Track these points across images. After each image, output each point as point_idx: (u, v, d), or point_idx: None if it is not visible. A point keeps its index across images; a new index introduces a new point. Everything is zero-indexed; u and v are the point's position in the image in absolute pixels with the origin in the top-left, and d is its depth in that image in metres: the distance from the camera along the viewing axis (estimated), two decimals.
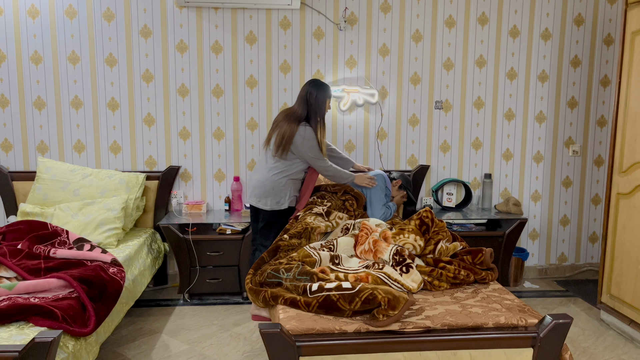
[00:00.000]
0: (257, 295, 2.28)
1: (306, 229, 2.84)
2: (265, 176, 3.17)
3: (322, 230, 2.91)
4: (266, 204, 3.17)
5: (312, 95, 3.11)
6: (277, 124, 3.20)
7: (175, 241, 3.58)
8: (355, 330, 1.92)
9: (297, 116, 3.11)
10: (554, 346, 1.94)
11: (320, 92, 3.13)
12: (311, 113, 3.12)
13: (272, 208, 3.17)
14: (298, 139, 3.07)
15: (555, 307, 3.67)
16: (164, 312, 3.53)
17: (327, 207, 3.15)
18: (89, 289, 2.45)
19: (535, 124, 4.17)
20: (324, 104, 3.15)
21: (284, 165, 3.15)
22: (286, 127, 3.07)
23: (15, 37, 3.75)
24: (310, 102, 3.11)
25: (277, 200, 3.16)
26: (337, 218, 3.09)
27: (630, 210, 3.13)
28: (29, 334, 2.03)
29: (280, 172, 3.15)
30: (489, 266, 2.53)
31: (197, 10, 3.83)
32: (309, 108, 3.12)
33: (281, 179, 3.15)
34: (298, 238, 2.78)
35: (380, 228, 2.67)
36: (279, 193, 3.15)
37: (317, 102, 3.11)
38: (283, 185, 3.15)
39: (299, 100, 3.16)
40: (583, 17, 4.09)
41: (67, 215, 3.39)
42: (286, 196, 3.17)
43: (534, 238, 4.31)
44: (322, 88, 3.15)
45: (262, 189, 3.17)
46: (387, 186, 3.47)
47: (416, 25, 3.99)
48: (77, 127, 3.88)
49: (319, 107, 3.13)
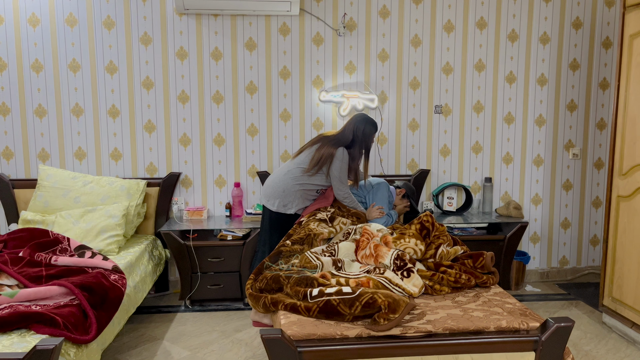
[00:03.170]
0: (257, 301, 2.28)
1: (309, 235, 2.85)
2: (280, 178, 3.27)
3: (325, 237, 2.91)
4: (273, 204, 3.26)
5: (360, 130, 3.24)
6: (314, 144, 3.27)
7: (176, 247, 3.59)
8: (357, 335, 1.92)
9: (342, 142, 3.22)
10: (555, 350, 1.94)
11: (368, 126, 3.26)
12: (356, 143, 3.24)
13: (278, 210, 3.25)
14: (335, 160, 3.18)
15: (557, 311, 3.66)
16: (166, 319, 3.52)
17: (330, 213, 3.16)
18: (90, 296, 2.45)
19: (535, 128, 4.18)
20: (370, 138, 3.28)
21: (300, 175, 3.23)
22: (325, 150, 3.18)
23: (16, 45, 3.76)
24: (357, 134, 3.24)
25: (284, 204, 3.24)
26: (341, 223, 3.10)
27: (631, 212, 3.13)
28: (30, 341, 2.03)
29: (295, 178, 3.23)
30: (490, 270, 2.53)
31: (196, 17, 3.85)
32: (354, 139, 3.24)
33: (294, 185, 3.22)
34: (300, 244, 2.78)
35: (381, 233, 2.67)
36: (288, 197, 3.23)
37: (364, 136, 3.24)
38: (294, 191, 3.23)
39: (346, 131, 3.26)
40: (581, 20, 4.10)
41: (68, 223, 3.39)
42: (294, 202, 3.25)
43: (535, 241, 4.31)
44: (370, 123, 3.28)
45: (273, 189, 3.27)
46: (391, 194, 3.49)
47: (415, 30, 4.01)
48: (78, 134, 3.89)
49: (364, 141, 3.26)
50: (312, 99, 4.00)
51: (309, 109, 4.01)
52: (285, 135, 4.02)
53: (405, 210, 3.63)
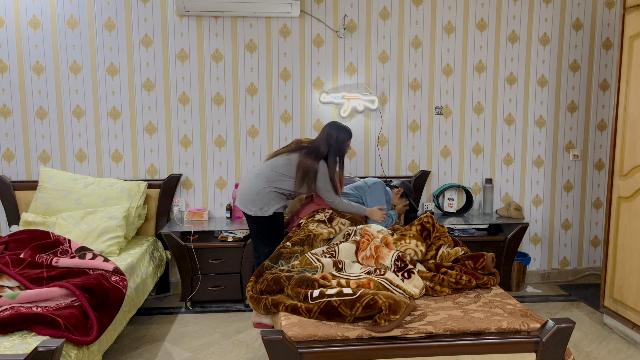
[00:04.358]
0: (258, 303, 2.28)
1: (309, 236, 2.85)
2: (252, 182, 3.25)
3: (325, 237, 2.91)
4: (250, 210, 3.24)
5: (332, 137, 3.24)
6: (290, 152, 3.28)
7: (177, 249, 3.59)
8: (358, 336, 1.92)
9: (319, 154, 3.23)
10: (556, 351, 1.94)
11: (341, 133, 3.26)
12: (331, 153, 3.24)
13: (256, 214, 3.23)
14: (319, 174, 3.19)
15: (558, 312, 3.66)
16: (166, 320, 3.52)
17: (329, 214, 3.16)
18: (91, 298, 2.46)
19: (535, 129, 4.18)
20: (343, 145, 3.27)
21: (274, 178, 3.22)
22: (309, 163, 3.19)
23: (17, 47, 3.77)
24: (330, 143, 3.24)
25: (260, 207, 3.22)
26: (339, 224, 3.10)
27: (632, 213, 3.13)
28: (31, 343, 2.04)
29: (268, 181, 3.22)
30: (491, 271, 2.53)
31: (197, 19, 3.86)
32: (329, 148, 3.24)
33: (266, 187, 3.21)
34: (300, 245, 2.79)
35: (381, 234, 2.67)
36: (263, 199, 3.21)
37: (337, 144, 3.24)
38: (267, 193, 3.21)
39: (320, 140, 3.26)
40: (581, 21, 4.10)
41: (69, 224, 3.40)
42: (270, 204, 3.23)
43: (536, 242, 4.31)
44: (343, 130, 3.28)
45: (247, 194, 3.25)
46: (388, 194, 3.49)
47: (415, 32, 4.01)
48: (79, 136, 3.90)
49: (338, 149, 3.25)
50: (312, 101, 4.01)
51: (310, 110, 4.01)
52: (285, 136, 4.02)
53: (405, 210, 3.62)
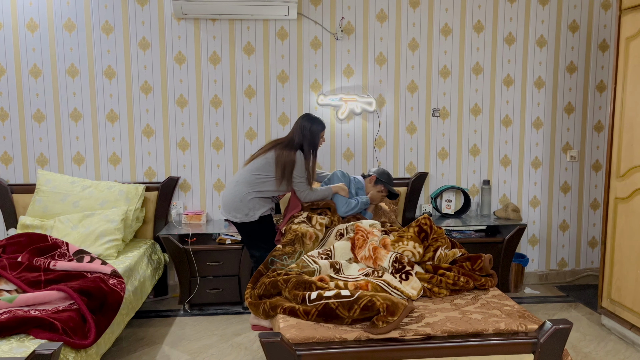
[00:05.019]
0: (257, 308, 2.29)
1: (297, 234, 2.86)
2: (233, 189, 3.23)
3: (312, 235, 2.92)
4: (235, 217, 3.22)
5: (306, 128, 3.23)
6: (267, 151, 3.24)
7: (175, 252, 3.59)
8: (356, 338, 1.92)
9: (294, 145, 3.22)
10: (554, 352, 1.94)
11: (315, 125, 3.25)
12: (305, 144, 3.23)
13: (242, 221, 3.21)
14: (296, 164, 3.17)
15: (556, 313, 3.66)
16: (165, 323, 3.52)
17: (306, 214, 3.16)
18: (89, 301, 2.45)
19: (532, 130, 4.19)
20: (317, 136, 3.26)
21: (255, 182, 3.19)
22: (285, 156, 3.17)
23: (15, 50, 3.77)
24: (305, 134, 3.22)
25: (245, 213, 3.20)
26: (318, 221, 3.08)
27: (629, 214, 3.14)
28: (29, 346, 2.03)
29: (250, 185, 3.19)
30: (489, 272, 2.53)
31: (194, 21, 3.86)
32: (303, 140, 3.22)
33: (249, 193, 3.19)
34: (292, 245, 2.79)
35: (375, 229, 2.68)
36: (247, 205, 3.19)
37: (311, 135, 3.23)
38: (250, 199, 3.19)
39: (294, 132, 3.25)
40: (578, 23, 4.12)
41: (67, 227, 3.39)
42: (255, 208, 3.20)
43: (534, 244, 4.32)
44: (316, 121, 3.27)
45: (230, 202, 3.23)
46: (356, 182, 3.46)
47: (412, 34, 4.02)
48: (77, 139, 3.90)
49: (312, 140, 3.24)
50: (310, 103, 4.01)
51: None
52: None
53: (382, 196, 3.50)
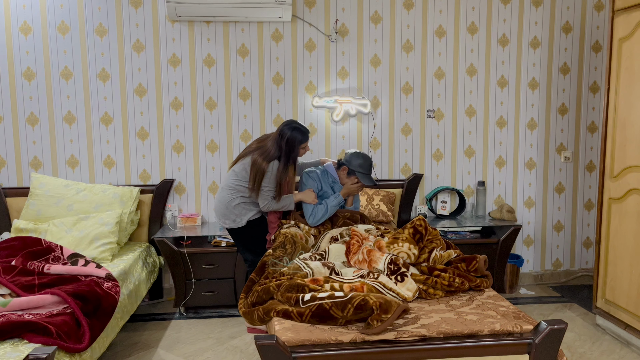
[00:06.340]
0: (251, 317, 2.29)
1: (286, 236, 2.84)
2: (221, 195, 3.21)
3: (302, 235, 2.91)
4: (225, 222, 3.21)
5: (284, 138, 3.02)
6: (245, 156, 3.16)
7: (170, 254, 3.57)
8: (351, 340, 1.91)
9: (270, 155, 3.02)
10: (549, 352, 1.95)
11: (293, 134, 3.02)
12: (282, 155, 3.03)
13: (231, 226, 3.21)
14: (266, 175, 3.02)
15: (551, 313, 3.67)
16: (160, 326, 3.51)
17: (294, 222, 3.12)
18: (84, 305, 2.44)
19: (526, 131, 4.20)
20: (295, 147, 3.04)
21: (237, 187, 3.15)
22: (258, 165, 3.02)
23: (8, 53, 3.76)
24: (280, 145, 3.02)
25: (233, 219, 3.18)
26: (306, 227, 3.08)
27: (622, 215, 3.15)
28: (23, 350, 2.02)
29: (233, 191, 3.16)
30: (484, 273, 2.54)
31: (189, 24, 3.86)
32: (280, 149, 3.03)
33: (234, 199, 3.16)
34: (282, 247, 2.76)
35: (370, 234, 2.68)
36: (233, 211, 3.17)
37: (288, 145, 3.02)
38: (235, 205, 3.16)
39: (272, 139, 3.07)
40: (571, 25, 4.14)
41: (61, 231, 3.38)
42: (241, 214, 3.17)
43: (529, 244, 4.33)
44: (296, 130, 3.04)
45: (218, 207, 3.21)
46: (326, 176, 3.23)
47: (407, 36, 4.03)
48: (71, 142, 3.88)
49: (289, 150, 3.03)
50: (305, 105, 4.01)
51: (302, 114, 4.01)
52: None
53: (358, 187, 3.16)
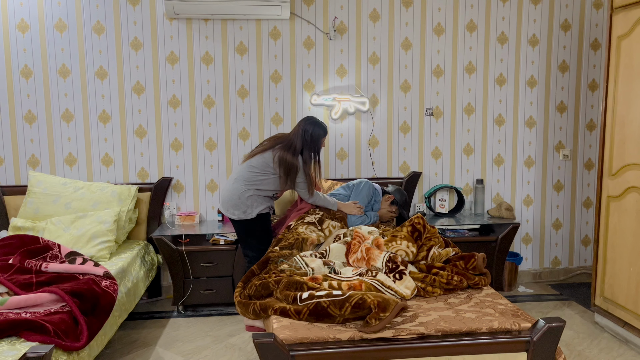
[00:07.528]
0: (246, 308, 2.28)
1: (297, 239, 2.84)
2: (232, 186, 3.21)
3: (314, 241, 2.90)
4: (233, 214, 3.20)
5: (308, 133, 3.19)
6: (265, 150, 3.22)
7: (168, 253, 3.57)
8: (349, 338, 1.91)
9: (294, 149, 3.17)
10: (547, 350, 1.95)
11: (316, 129, 3.21)
12: (305, 148, 3.20)
13: (240, 218, 3.19)
14: (299, 170, 3.16)
15: (549, 311, 3.67)
16: (158, 325, 3.50)
17: (319, 216, 3.15)
18: (81, 303, 2.44)
19: (525, 129, 4.20)
20: (319, 141, 3.23)
21: (253, 180, 3.17)
22: (290, 159, 3.14)
23: (5, 51, 3.74)
24: (306, 138, 3.19)
25: (243, 210, 3.17)
26: (330, 227, 3.09)
27: (621, 212, 3.15)
28: (20, 349, 2.02)
29: (248, 183, 3.17)
30: (482, 271, 2.54)
31: (187, 21, 3.85)
32: (304, 144, 3.19)
33: (248, 190, 3.17)
34: (289, 249, 2.77)
35: (372, 235, 2.67)
36: (245, 202, 3.17)
37: (312, 140, 3.20)
38: (248, 196, 3.17)
39: (296, 135, 3.21)
40: (570, 22, 4.13)
41: (59, 229, 3.37)
42: (252, 206, 3.18)
43: (527, 242, 4.33)
44: (318, 126, 3.23)
45: (229, 198, 3.21)
46: (377, 193, 3.48)
47: (405, 34, 4.02)
48: (69, 140, 3.87)
49: (313, 145, 3.21)
50: (303, 103, 4.01)
51: (301, 112, 4.01)
52: None
53: (391, 217, 3.56)
